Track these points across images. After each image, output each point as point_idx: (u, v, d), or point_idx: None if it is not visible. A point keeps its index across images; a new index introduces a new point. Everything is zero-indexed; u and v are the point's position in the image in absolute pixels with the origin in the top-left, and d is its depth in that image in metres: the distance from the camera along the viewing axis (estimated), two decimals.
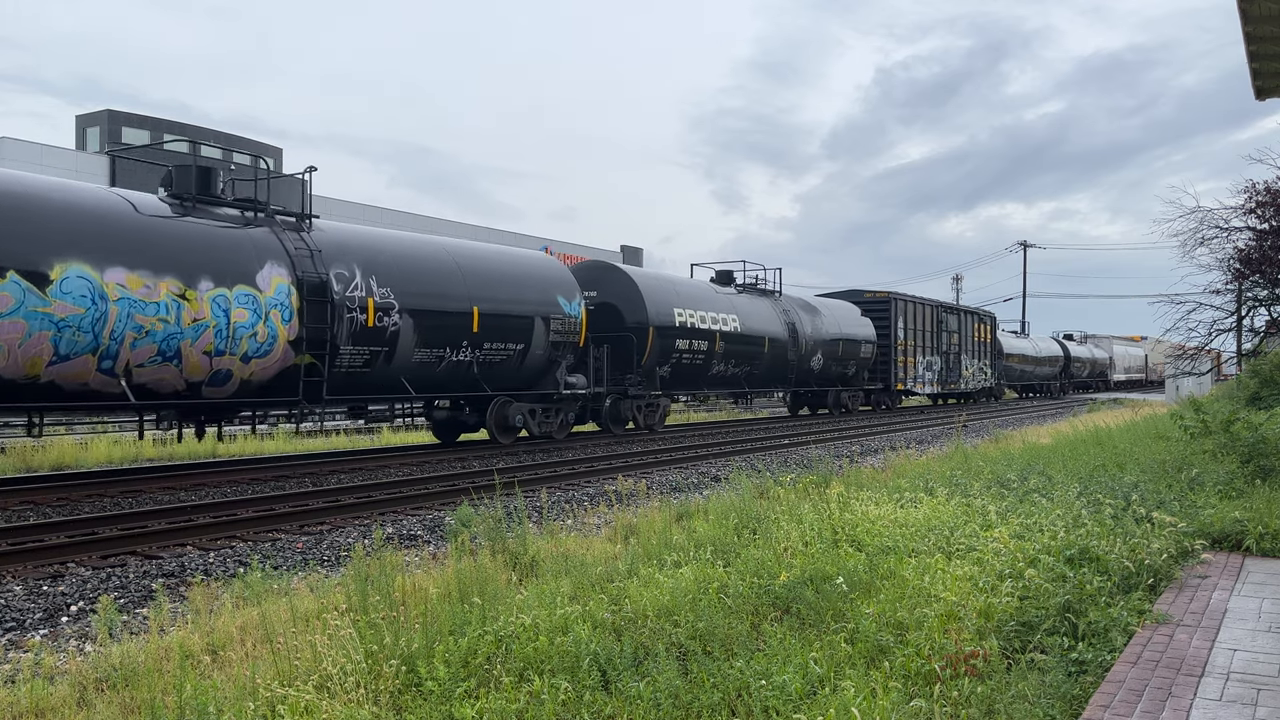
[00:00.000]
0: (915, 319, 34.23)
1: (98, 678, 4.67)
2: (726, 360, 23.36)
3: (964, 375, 38.40)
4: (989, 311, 42.89)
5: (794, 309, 27.46)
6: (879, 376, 32.26)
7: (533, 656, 4.38)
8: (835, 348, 28.67)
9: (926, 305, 35.34)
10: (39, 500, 10.90)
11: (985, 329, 41.72)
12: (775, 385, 26.76)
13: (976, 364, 40.18)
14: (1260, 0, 8.07)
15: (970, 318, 40.06)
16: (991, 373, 42.24)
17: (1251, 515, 7.30)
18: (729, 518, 7.75)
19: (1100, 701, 3.89)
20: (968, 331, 38.87)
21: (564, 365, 18.22)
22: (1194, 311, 22.02)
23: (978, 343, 40.39)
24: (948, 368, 36.70)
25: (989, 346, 42.05)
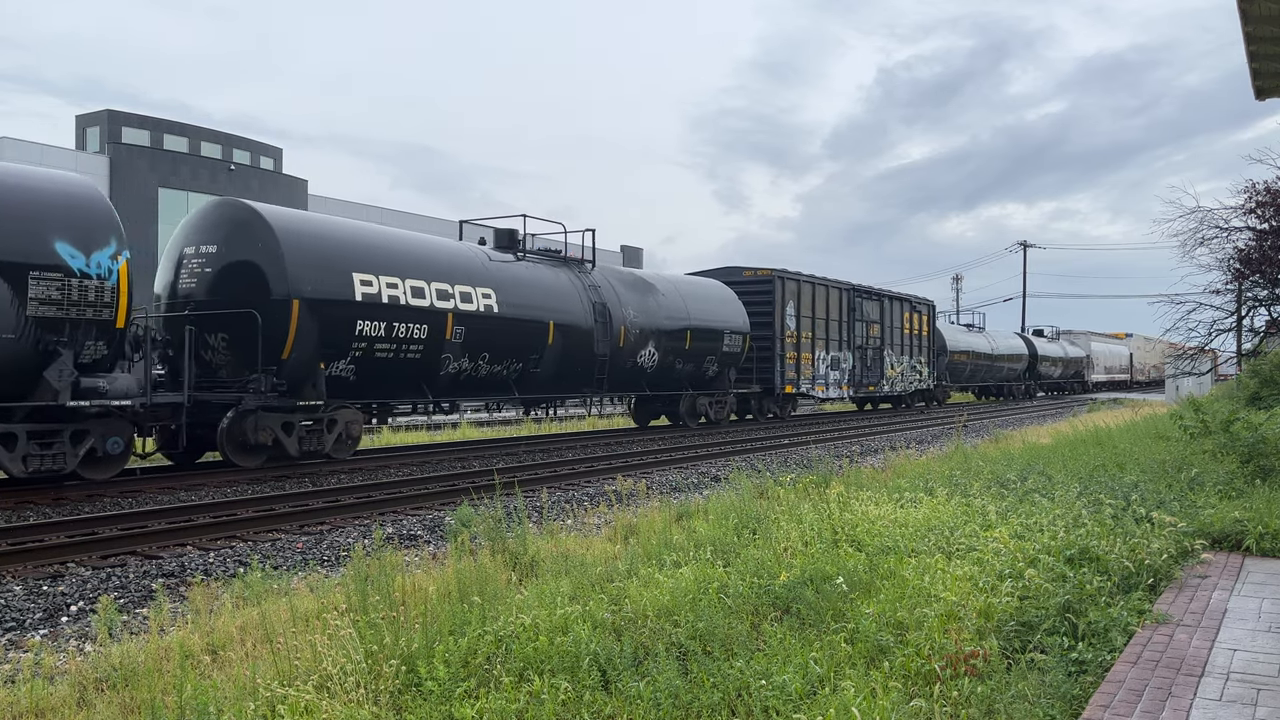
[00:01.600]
0: (814, 305, 27.24)
1: (98, 678, 4.67)
2: (472, 354, 15.93)
3: (888, 375, 31.79)
4: (925, 299, 35.50)
5: (610, 285, 19.91)
6: (758, 377, 25.03)
7: (533, 656, 4.38)
8: (680, 339, 21.35)
9: (832, 288, 28.37)
10: (39, 500, 10.90)
11: (920, 320, 34.80)
12: (575, 388, 19.10)
13: (907, 361, 33.52)
14: (1260, 0, 8.07)
15: (898, 305, 33.00)
16: (930, 372, 35.67)
17: (1251, 515, 7.30)
18: (729, 518, 7.75)
19: (1100, 701, 3.89)
20: (894, 321, 32.30)
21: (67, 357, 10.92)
22: (1194, 311, 22.08)
23: (910, 336, 33.68)
24: (864, 366, 30.09)
25: (926, 340, 35.38)
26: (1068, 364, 55.50)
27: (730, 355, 23.36)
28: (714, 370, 23.12)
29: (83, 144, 43.71)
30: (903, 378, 33.17)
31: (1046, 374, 52.22)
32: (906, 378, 33.52)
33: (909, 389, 33.95)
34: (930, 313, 36.12)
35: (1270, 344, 23.13)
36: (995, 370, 44.95)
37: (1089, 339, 61.57)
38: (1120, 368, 67.46)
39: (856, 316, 29.75)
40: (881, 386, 31.43)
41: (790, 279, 26.36)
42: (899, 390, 33.05)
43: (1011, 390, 48.36)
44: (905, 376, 33.40)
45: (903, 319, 33.29)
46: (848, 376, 29.30)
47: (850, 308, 29.44)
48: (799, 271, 26.96)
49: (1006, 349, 46.41)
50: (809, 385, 27.14)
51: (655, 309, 21.08)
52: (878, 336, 31.04)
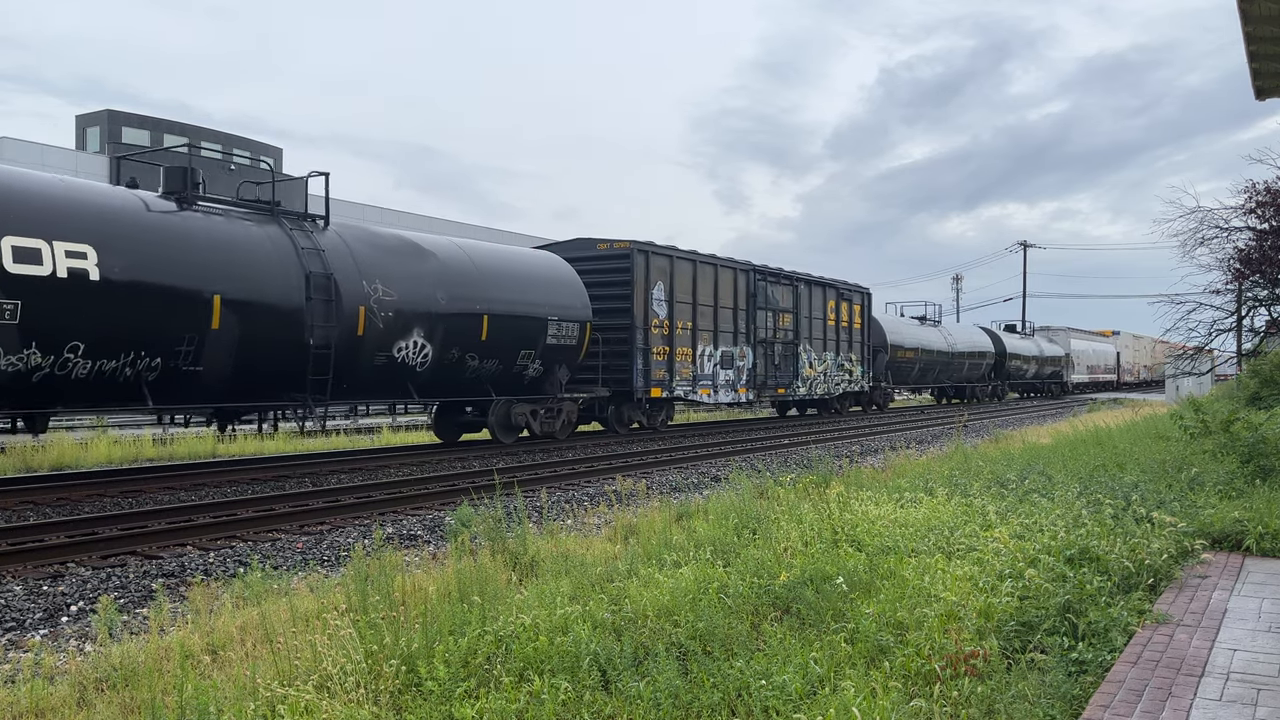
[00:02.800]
0: (697, 288, 21.92)
1: (98, 678, 4.67)
2: (47, 343, 10.51)
3: (806, 375, 26.55)
4: (857, 286, 30.37)
5: (348, 249, 14.13)
6: (609, 377, 19.70)
7: (533, 656, 4.37)
8: (470, 327, 15.69)
9: (723, 268, 22.95)
10: (39, 500, 10.89)
11: (851, 310, 29.72)
12: (273, 395, 13.42)
13: (833, 359, 28.43)
14: (1260, 0, 8.07)
15: (819, 292, 27.65)
16: (864, 371, 30.72)
17: (1251, 515, 7.30)
18: (729, 518, 7.75)
19: (1100, 701, 3.89)
20: (813, 311, 27.21)
21: None
22: (1194, 311, 22.10)
23: (837, 329, 28.69)
24: (771, 364, 24.88)
25: (859, 334, 30.37)
26: (1043, 363, 50.52)
27: (559, 350, 17.66)
28: (535, 369, 17.36)
29: (83, 144, 43.71)
30: (826, 378, 27.93)
31: (1017, 373, 47.42)
32: (832, 378, 28.34)
33: (834, 391, 28.65)
34: (865, 302, 30.92)
35: (1270, 344, 23.13)
36: (952, 369, 39.64)
37: (1069, 336, 55.72)
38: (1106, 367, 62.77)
39: (760, 304, 24.23)
40: (795, 388, 26.13)
41: (660, 254, 20.80)
42: (821, 393, 27.82)
43: (973, 391, 43.12)
44: (830, 376, 28.21)
45: (826, 309, 27.88)
46: (746, 377, 23.67)
47: (751, 293, 23.94)
48: (674, 246, 21.53)
49: (967, 345, 40.99)
50: (688, 388, 21.41)
51: (428, 285, 15.11)
52: (790, 329, 25.81)
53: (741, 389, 23.72)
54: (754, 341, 24.20)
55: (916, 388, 40.08)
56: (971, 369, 41.64)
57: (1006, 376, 45.88)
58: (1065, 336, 55.41)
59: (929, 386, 40.43)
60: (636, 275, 20.20)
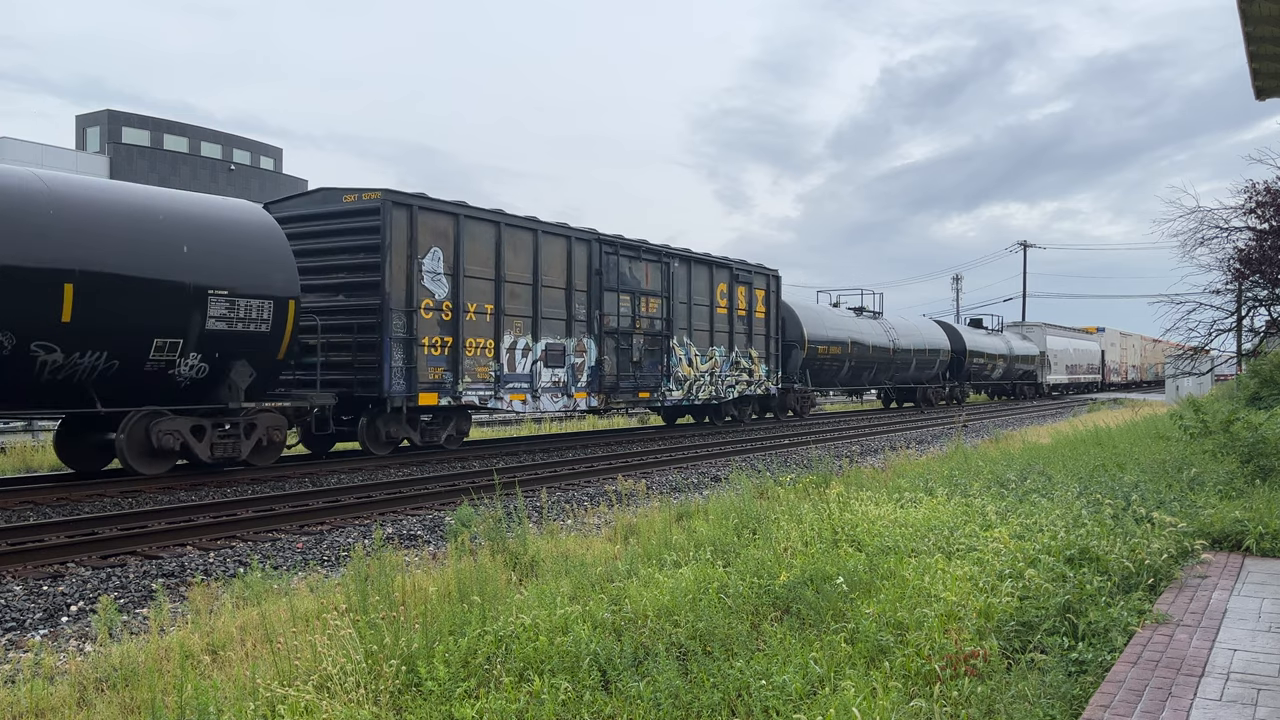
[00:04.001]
0: (502, 259, 16.26)
1: (98, 678, 4.67)
2: None
3: (682, 375, 21.13)
4: (762, 267, 24.72)
5: None
6: (352, 378, 14.78)
7: (533, 656, 4.38)
8: (38, 298, 10.49)
9: (546, 234, 17.39)
10: (39, 500, 10.89)
11: (752, 296, 24.14)
12: None
13: (724, 355, 22.84)
14: (1260, 0, 8.07)
15: (706, 273, 22.22)
16: (770, 370, 24.90)
17: (1251, 515, 7.30)
18: (729, 518, 7.76)
19: (1100, 701, 3.89)
20: (694, 297, 21.78)
21: None
22: (1194, 311, 22.11)
23: (730, 319, 23.08)
24: (627, 362, 19.40)
25: (764, 326, 24.70)
26: (1012, 361, 45.23)
27: (236, 339, 12.32)
28: (193, 367, 12.04)
29: (83, 144, 43.73)
30: (714, 379, 22.36)
31: (980, 373, 42.08)
32: (722, 379, 22.68)
33: (725, 394, 22.86)
34: (772, 287, 25.15)
35: (1270, 344, 23.13)
36: (895, 368, 33.64)
37: (1044, 332, 50.61)
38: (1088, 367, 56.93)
39: (609, 284, 18.88)
40: (666, 392, 20.55)
41: (436, 210, 15.09)
42: (706, 396, 22.15)
43: (925, 395, 37.38)
44: (720, 377, 22.62)
45: (714, 294, 22.45)
46: (588, 377, 18.32)
47: (596, 271, 18.49)
48: (462, 201, 15.85)
49: (914, 341, 34.90)
50: (486, 391, 15.98)
51: None
52: (658, 317, 20.35)
53: (579, 393, 18.12)
54: (599, 332, 18.58)
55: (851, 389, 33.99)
56: (921, 368, 35.87)
57: (967, 376, 40.45)
58: (1040, 333, 50.37)
59: (864, 387, 33.94)
60: (392, 238, 14.50)
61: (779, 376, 25.76)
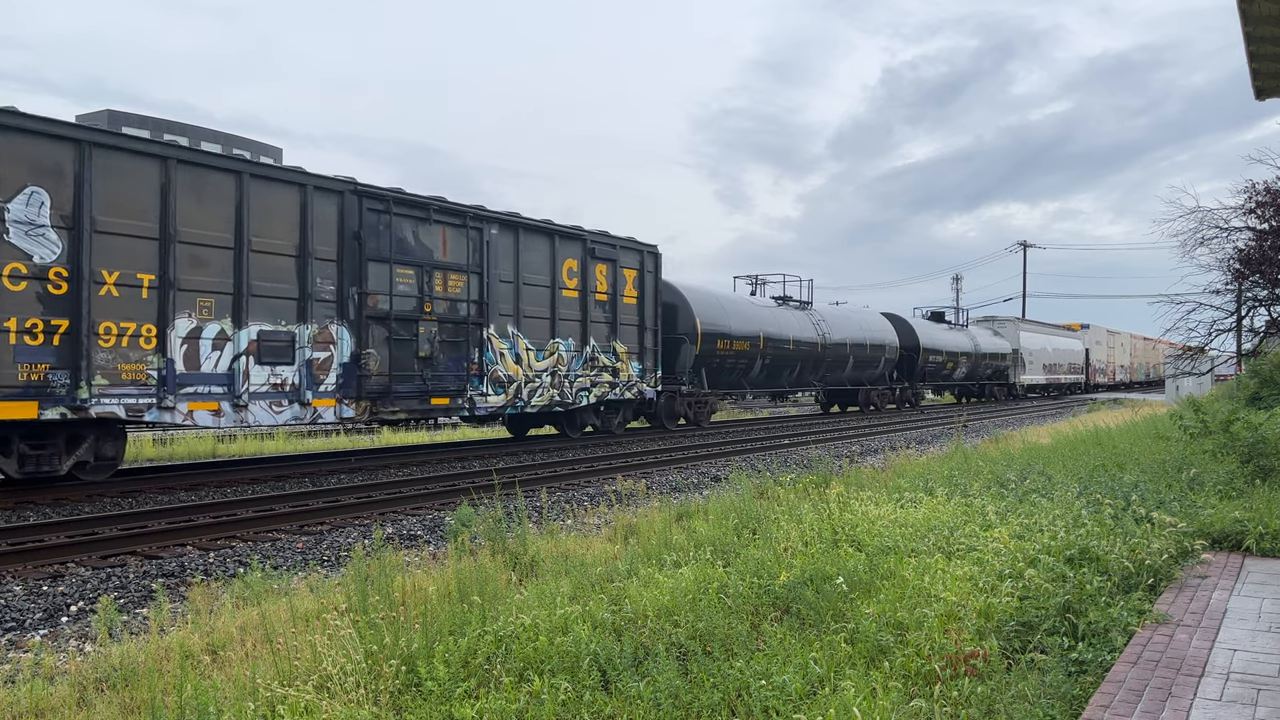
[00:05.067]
0: (171, 213, 11.70)
1: (98, 678, 4.67)
2: None
3: (506, 374, 16.58)
4: (633, 241, 20.12)
5: None
6: None
7: (533, 656, 4.38)
8: None
9: (260, 179, 12.87)
10: (39, 500, 10.89)
11: (617, 277, 19.57)
12: None
13: (579, 350, 18.52)
14: (1260, 0, 8.07)
15: (546, 245, 17.76)
16: (649, 369, 20.42)
17: (1251, 515, 7.30)
18: (729, 518, 7.75)
19: (1100, 701, 3.89)
20: (525, 275, 17.17)
21: None
22: (1194, 311, 22.12)
23: (584, 304, 18.64)
24: (410, 357, 14.78)
25: (639, 315, 20.29)
26: (979, 360, 40.56)
27: None
28: None
29: None
30: (558, 379, 17.80)
31: (938, 373, 37.29)
32: (570, 379, 18.14)
33: (576, 399, 18.34)
34: (649, 266, 20.55)
35: (1270, 344, 23.14)
36: (825, 366, 28.93)
37: (1018, 328, 46.53)
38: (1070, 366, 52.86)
39: (377, 253, 14.14)
40: (477, 396, 15.89)
41: (28, 131, 10.50)
42: (544, 401, 17.50)
43: (868, 397, 32.62)
44: (567, 377, 18.05)
45: (559, 272, 17.92)
46: (339, 377, 13.51)
47: (353, 234, 13.76)
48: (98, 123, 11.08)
49: (850, 335, 30.18)
50: (145, 398, 11.40)
51: None
52: (466, 299, 15.73)
53: (323, 400, 13.33)
54: (360, 317, 13.87)
55: (773, 392, 28.52)
56: (861, 366, 31.26)
57: (922, 376, 35.86)
58: (1013, 328, 46.28)
59: (784, 389, 28.49)
60: None
61: (657, 377, 20.82)
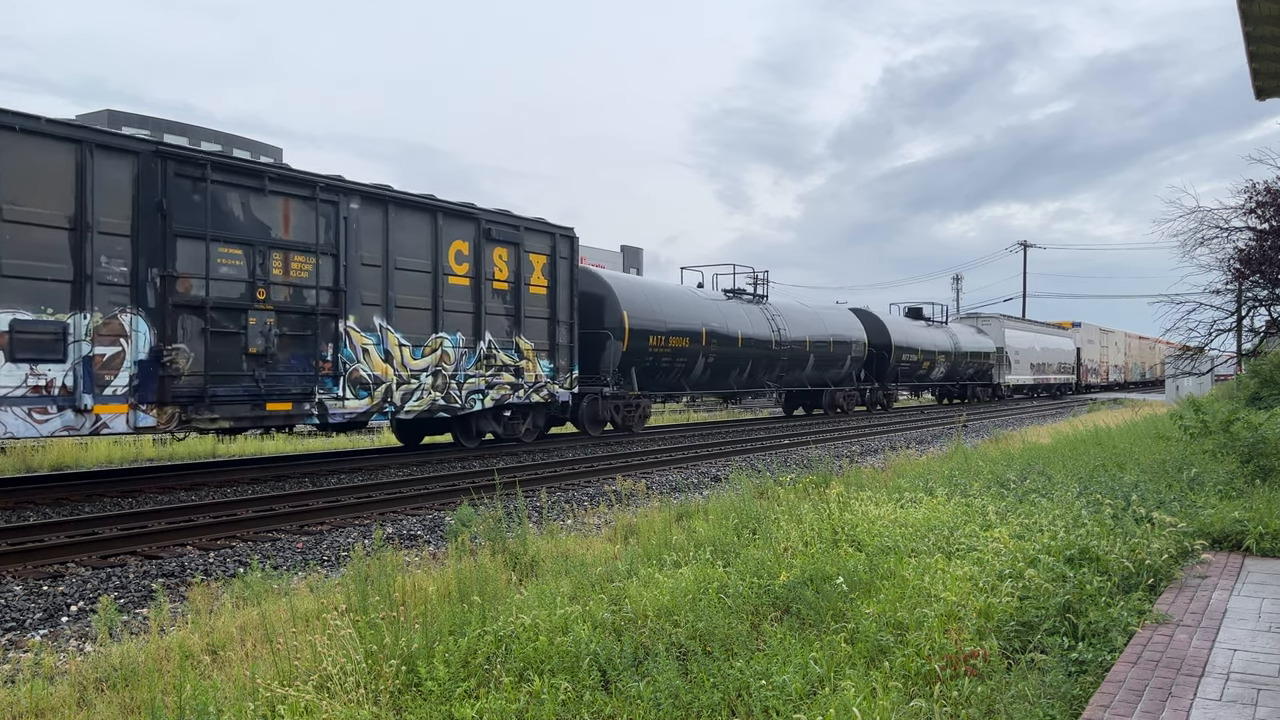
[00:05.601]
0: None
1: (98, 678, 4.67)
2: None
3: (371, 374, 14.04)
4: (542, 222, 17.75)
5: None
6: None
7: (533, 656, 4.38)
8: None
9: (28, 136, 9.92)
10: (39, 500, 10.89)
11: (520, 262, 16.98)
12: None
13: (471, 346, 15.91)
14: (1260, 0, 8.07)
15: (429, 223, 15.27)
16: (563, 368, 17.88)
17: (1251, 515, 7.30)
18: (729, 518, 7.75)
19: (1100, 701, 3.89)
20: (396, 259, 14.60)
21: None
22: (1194, 311, 22.12)
23: (477, 292, 16.04)
24: (240, 353, 12.19)
25: (552, 306, 17.73)
26: (959, 359, 38.21)
27: None
28: None
29: None
30: (443, 380, 15.21)
31: (914, 372, 34.81)
32: (459, 380, 15.57)
33: (470, 403, 15.77)
34: (562, 251, 18.04)
35: (1270, 344, 23.14)
36: (781, 365, 26.26)
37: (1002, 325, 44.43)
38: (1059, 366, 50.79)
39: (189, 228, 11.72)
40: (331, 401, 13.40)
41: None
42: (424, 406, 14.95)
43: (835, 399, 29.97)
44: (455, 377, 15.48)
45: (444, 255, 15.41)
46: (134, 378, 11.05)
47: (155, 203, 11.36)
48: None
49: (811, 331, 27.66)
50: None
51: None
52: (315, 285, 13.20)
53: (110, 406, 10.80)
54: (164, 305, 11.42)
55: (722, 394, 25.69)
56: (824, 365, 28.53)
57: (894, 376, 33.30)
58: (998, 326, 44.15)
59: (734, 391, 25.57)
60: None
61: (573, 378, 18.21)
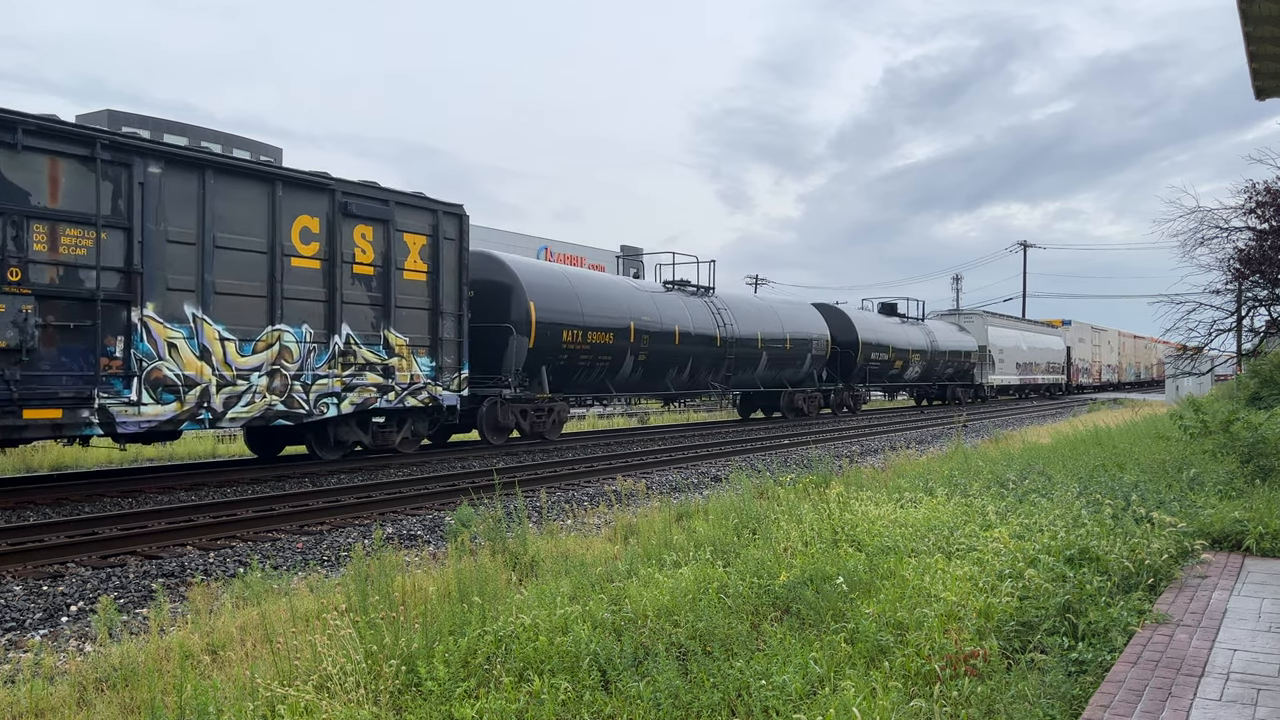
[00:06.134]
0: None
1: (98, 678, 4.67)
2: None
3: (178, 372, 11.65)
4: (423, 198, 15.31)
5: None
6: None
7: (533, 656, 4.37)
8: None
9: None
10: (39, 500, 10.89)
11: (391, 243, 14.51)
12: None
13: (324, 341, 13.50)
14: (1260, 0, 8.07)
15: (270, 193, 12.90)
16: (448, 366, 15.45)
17: (1251, 515, 7.30)
18: (729, 518, 7.75)
19: (1100, 701, 3.89)
20: (228, 233, 12.33)
21: None
22: (1194, 311, 22.13)
23: (332, 278, 13.66)
24: None
25: (434, 295, 15.29)
26: (936, 358, 36.00)
27: None
28: None
29: None
30: (283, 380, 12.94)
31: (885, 371, 32.47)
32: (307, 380, 13.25)
33: (322, 408, 13.46)
34: (448, 231, 15.54)
35: (1270, 344, 23.14)
36: (728, 364, 23.84)
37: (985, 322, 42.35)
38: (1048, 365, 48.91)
39: None
40: (117, 406, 11.02)
41: None
42: (255, 412, 12.62)
43: (794, 401, 27.43)
44: (300, 377, 13.18)
45: (286, 233, 13.13)
46: None
47: None
48: None
49: (765, 328, 25.35)
50: None
51: None
52: (99, 265, 11.00)
53: None
54: None
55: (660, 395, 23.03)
56: (780, 364, 26.27)
57: (862, 376, 31.05)
58: (980, 323, 42.02)
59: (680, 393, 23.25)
60: None
61: (463, 378, 15.76)
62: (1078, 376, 53.45)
